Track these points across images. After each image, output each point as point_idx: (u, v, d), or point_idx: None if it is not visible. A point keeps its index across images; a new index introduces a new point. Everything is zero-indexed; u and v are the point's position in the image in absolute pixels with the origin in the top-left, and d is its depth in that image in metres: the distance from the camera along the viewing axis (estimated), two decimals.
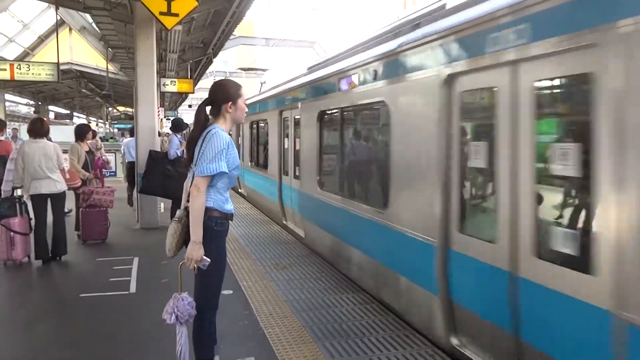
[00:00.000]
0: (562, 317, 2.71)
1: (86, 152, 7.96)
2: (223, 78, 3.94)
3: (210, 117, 3.26)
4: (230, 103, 3.20)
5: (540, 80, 2.95)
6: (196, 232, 2.98)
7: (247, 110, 3.34)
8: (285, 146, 8.85)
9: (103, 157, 8.78)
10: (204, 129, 3.17)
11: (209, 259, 2.99)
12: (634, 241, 2.30)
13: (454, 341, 3.73)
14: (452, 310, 3.75)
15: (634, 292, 2.28)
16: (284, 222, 8.83)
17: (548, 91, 3.05)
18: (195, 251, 2.96)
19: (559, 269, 2.75)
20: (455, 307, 3.72)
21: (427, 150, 4.02)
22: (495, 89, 3.28)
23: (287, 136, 8.75)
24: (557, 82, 2.97)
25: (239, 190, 13.87)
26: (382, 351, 3.90)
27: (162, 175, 8.12)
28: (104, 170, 8.60)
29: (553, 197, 2.95)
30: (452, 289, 3.74)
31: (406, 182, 4.45)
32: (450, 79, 3.73)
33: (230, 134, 3.23)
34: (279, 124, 9.14)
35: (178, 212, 3.22)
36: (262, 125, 11.18)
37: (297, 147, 8.04)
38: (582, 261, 2.61)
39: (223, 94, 3.22)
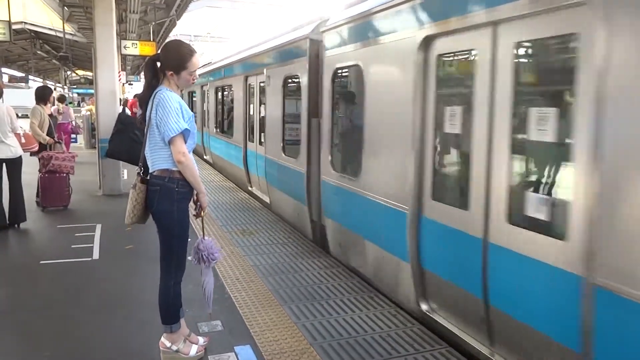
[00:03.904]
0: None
1: (48, 115, 7.66)
2: (178, 39, 3.81)
3: (159, 74, 3.15)
4: (171, 73, 3.08)
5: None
6: (200, 187, 3.14)
7: (193, 80, 3.19)
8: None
9: (73, 122, 8.47)
10: (151, 88, 3.10)
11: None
12: None
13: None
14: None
15: None
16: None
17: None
18: (205, 200, 3.22)
19: None
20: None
21: None
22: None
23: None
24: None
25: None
26: (346, 312, 4.00)
27: (129, 140, 7.87)
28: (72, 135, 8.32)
29: None
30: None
31: None
32: None
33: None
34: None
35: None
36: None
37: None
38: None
39: (169, 60, 3.09)
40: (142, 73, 3.58)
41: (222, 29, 36.56)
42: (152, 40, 17.21)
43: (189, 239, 3.25)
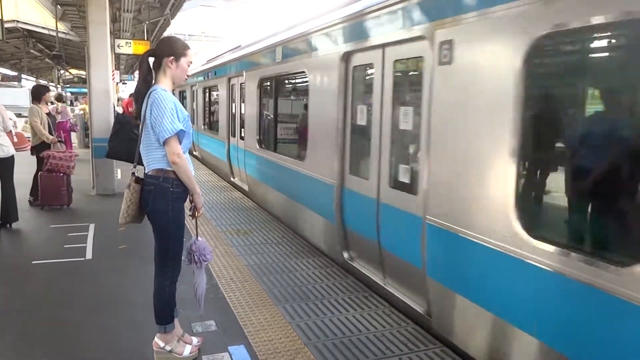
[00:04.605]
0: None
1: (46, 114, 7.65)
2: (173, 36, 3.96)
3: (153, 71, 3.16)
4: (172, 58, 3.10)
5: None
6: (194, 188, 3.11)
7: (188, 74, 3.23)
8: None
9: (71, 120, 8.44)
10: (147, 83, 3.10)
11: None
12: None
13: None
14: None
15: None
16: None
17: None
18: (199, 201, 3.19)
19: None
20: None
21: None
22: None
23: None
24: None
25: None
26: (340, 312, 3.99)
27: (128, 139, 7.80)
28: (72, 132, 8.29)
29: None
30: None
31: None
32: None
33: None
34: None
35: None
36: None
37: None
38: None
39: (166, 48, 3.14)
40: (137, 70, 3.45)
41: (216, 28, 36.50)
42: (146, 39, 17.12)
43: (184, 239, 3.24)
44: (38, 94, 7.67)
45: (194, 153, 14.16)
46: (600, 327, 2.30)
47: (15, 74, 30.41)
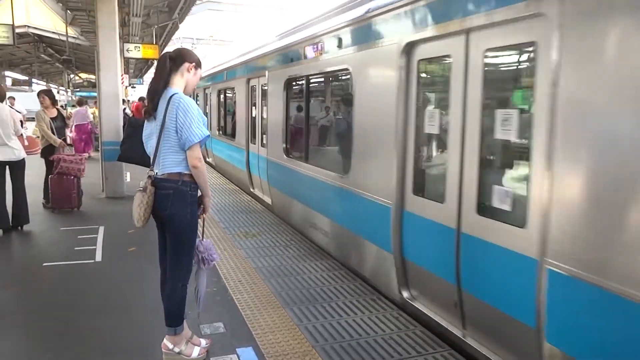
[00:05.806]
0: None
1: (53, 118, 7.70)
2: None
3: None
4: (194, 64, 3.22)
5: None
6: (208, 191, 3.24)
7: (196, 86, 3.36)
8: None
9: (91, 122, 8.47)
10: (165, 83, 3.12)
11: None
12: None
13: None
14: None
15: None
16: None
17: None
18: (209, 203, 3.32)
19: None
20: None
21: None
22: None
23: None
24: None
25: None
26: (348, 315, 3.99)
27: (141, 143, 7.82)
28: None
29: None
30: None
31: None
32: None
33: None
34: None
35: (142, 182, 3.16)
36: None
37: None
38: None
39: (189, 55, 3.27)
40: (155, 68, 3.35)
41: (224, 32, 36.63)
42: (154, 43, 17.24)
43: None
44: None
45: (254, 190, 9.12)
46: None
47: (26, 78, 30.73)
